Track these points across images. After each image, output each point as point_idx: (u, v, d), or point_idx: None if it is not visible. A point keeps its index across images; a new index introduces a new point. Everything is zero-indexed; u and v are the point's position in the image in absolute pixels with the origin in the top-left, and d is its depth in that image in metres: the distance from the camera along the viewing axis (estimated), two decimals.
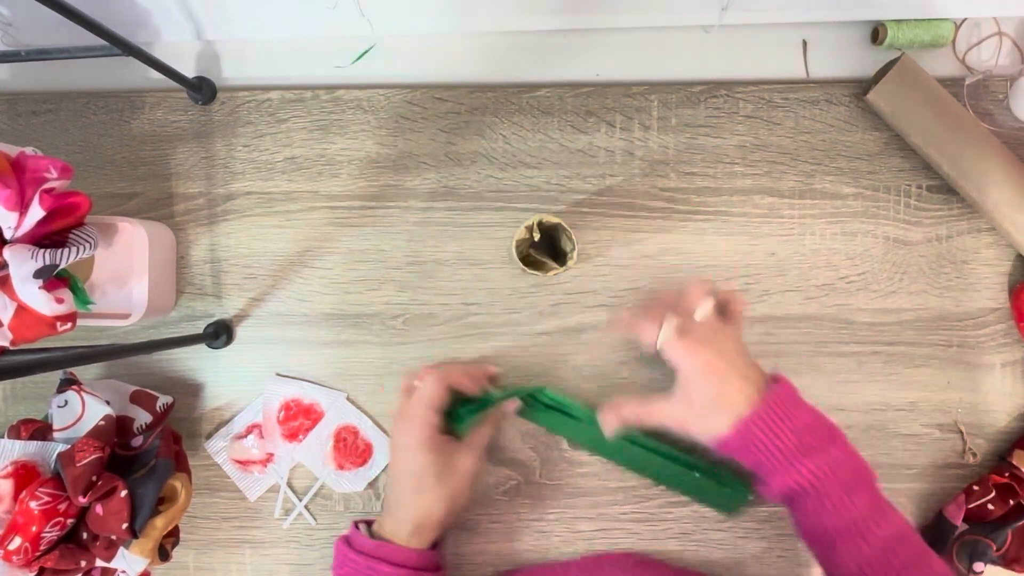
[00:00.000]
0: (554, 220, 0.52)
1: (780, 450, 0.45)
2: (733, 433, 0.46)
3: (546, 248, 0.56)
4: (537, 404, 0.55)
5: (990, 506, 0.55)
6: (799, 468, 0.45)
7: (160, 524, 0.51)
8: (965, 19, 0.59)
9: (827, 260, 0.58)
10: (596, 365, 0.58)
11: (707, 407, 0.47)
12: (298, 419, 0.58)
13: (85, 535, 0.49)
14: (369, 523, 0.52)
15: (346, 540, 0.50)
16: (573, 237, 0.52)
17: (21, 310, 0.44)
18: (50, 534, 0.47)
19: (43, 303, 0.44)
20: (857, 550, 0.44)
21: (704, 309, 0.49)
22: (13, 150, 0.43)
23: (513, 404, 0.54)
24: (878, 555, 0.44)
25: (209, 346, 0.59)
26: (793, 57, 0.60)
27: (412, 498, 0.49)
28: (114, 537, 0.49)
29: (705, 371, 0.47)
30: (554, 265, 0.54)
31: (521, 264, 0.53)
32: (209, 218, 0.59)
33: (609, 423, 0.51)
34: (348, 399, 0.59)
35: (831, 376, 0.58)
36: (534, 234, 0.53)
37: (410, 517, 0.49)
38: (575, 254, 0.52)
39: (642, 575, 0.55)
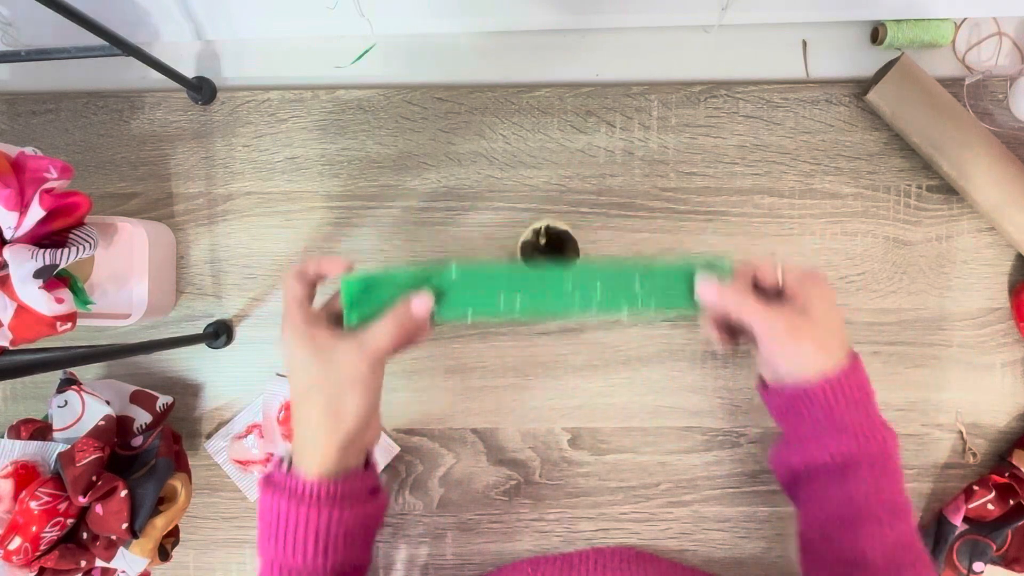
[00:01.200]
0: (562, 227, 0.52)
1: (868, 409, 0.44)
2: (847, 366, 0.44)
3: (549, 253, 0.56)
4: (450, 286, 0.45)
5: (990, 506, 0.55)
6: (883, 432, 0.44)
7: (160, 524, 0.51)
8: (965, 19, 0.59)
9: (827, 260, 0.58)
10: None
11: (829, 332, 0.44)
12: None
13: (85, 535, 0.49)
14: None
15: (265, 476, 0.45)
16: (579, 248, 0.52)
17: (21, 310, 0.44)
18: (50, 534, 0.47)
19: (43, 303, 0.44)
20: (886, 534, 0.43)
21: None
22: (13, 150, 0.43)
23: (424, 304, 0.44)
24: (900, 544, 0.43)
25: (209, 346, 0.59)
26: (793, 57, 0.60)
27: (297, 413, 0.43)
28: (114, 537, 0.49)
29: (834, 301, 0.45)
30: None
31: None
32: (209, 218, 0.59)
33: (707, 288, 0.44)
34: None
35: None
36: (541, 238, 0.53)
37: (301, 438, 0.43)
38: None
39: (640, 569, 0.55)
